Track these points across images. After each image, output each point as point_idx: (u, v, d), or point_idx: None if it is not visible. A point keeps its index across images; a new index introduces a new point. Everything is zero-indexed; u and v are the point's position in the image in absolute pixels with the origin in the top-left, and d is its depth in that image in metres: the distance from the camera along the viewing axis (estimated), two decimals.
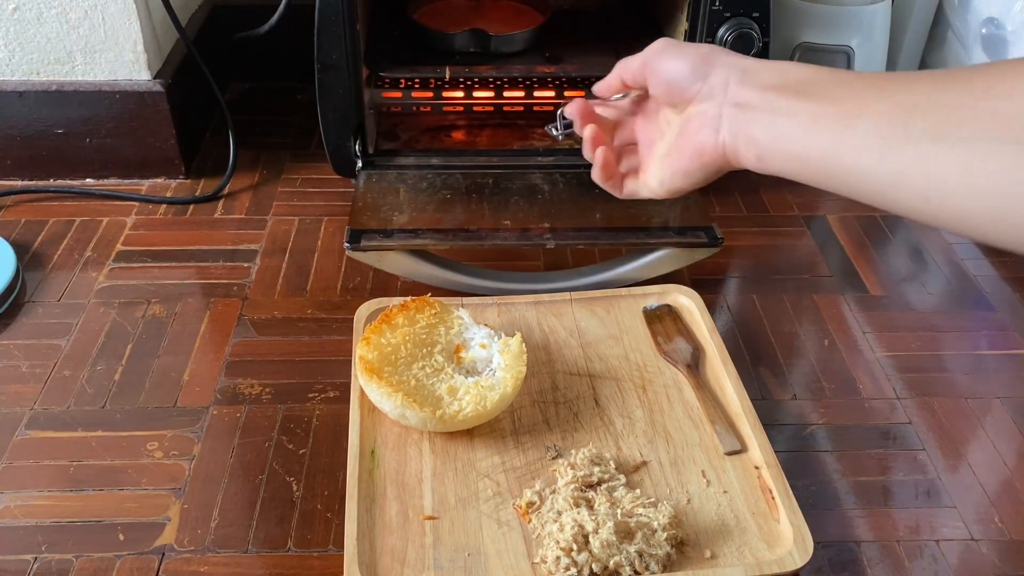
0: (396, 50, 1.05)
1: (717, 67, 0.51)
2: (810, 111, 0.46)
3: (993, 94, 0.38)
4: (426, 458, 0.69)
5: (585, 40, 1.08)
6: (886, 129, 0.42)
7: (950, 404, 0.79)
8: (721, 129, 0.50)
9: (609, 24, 1.13)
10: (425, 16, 1.08)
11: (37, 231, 1.00)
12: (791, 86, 0.47)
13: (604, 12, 1.16)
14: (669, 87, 0.53)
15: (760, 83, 0.48)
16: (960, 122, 0.39)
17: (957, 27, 1.13)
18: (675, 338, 0.80)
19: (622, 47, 1.05)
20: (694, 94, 0.52)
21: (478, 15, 1.10)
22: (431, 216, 0.88)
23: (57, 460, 0.72)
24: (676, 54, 0.53)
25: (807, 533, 0.62)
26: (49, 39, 1.00)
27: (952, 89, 0.40)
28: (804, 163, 0.46)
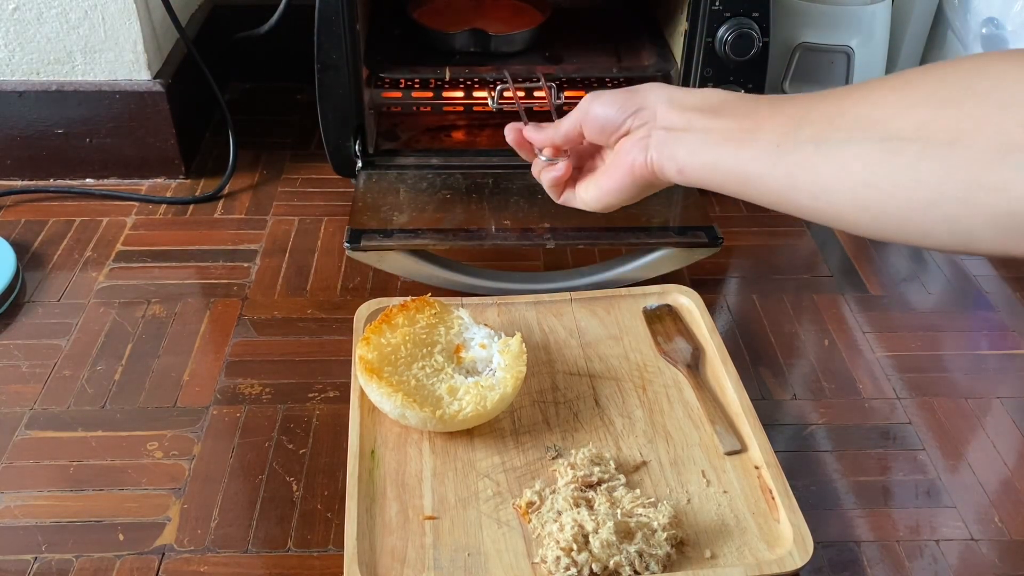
0: (396, 50, 1.04)
1: (647, 99, 0.56)
2: (721, 127, 0.51)
3: (863, 103, 0.44)
4: (426, 458, 0.69)
5: (585, 40, 1.07)
6: (779, 138, 0.47)
7: (950, 404, 0.79)
8: (649, 148, 0.55)
9: (609, 24, 1.12)
10: (425, 16, 1.07)
11: (37, 231, 1.00)
12: (709, 108, 0.53)
13: (604, 12, 1.15)
14: (602, 128, 0.59)
15: (684, 106, 0.54)
16: (836, 127, 0.44)
17: (957, 27, 1.13)
18: (675, 338, 0.80)
19: (622, 47, 1.05)
20: (627, 128, 0.57)
21: (478, 14, 1.10)
22: (431, 216, 0.88)
23: (57, 460, 0.72)
24: (605, 101, 0.58)
25: (807, 533, 0.62)
26: (49, 39, 1.00)
27: (834, 101, 0.46)
28: (716, 172, 0.51)
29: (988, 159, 0.37)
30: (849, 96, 0.45)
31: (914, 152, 0.40)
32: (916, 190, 0.40)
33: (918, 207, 0.40)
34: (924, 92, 0.41)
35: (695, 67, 0.93)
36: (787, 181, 0.46)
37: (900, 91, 0.43)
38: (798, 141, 0.46)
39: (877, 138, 0.42)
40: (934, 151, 0.39)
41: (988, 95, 0.39)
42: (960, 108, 0.39)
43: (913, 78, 0.43)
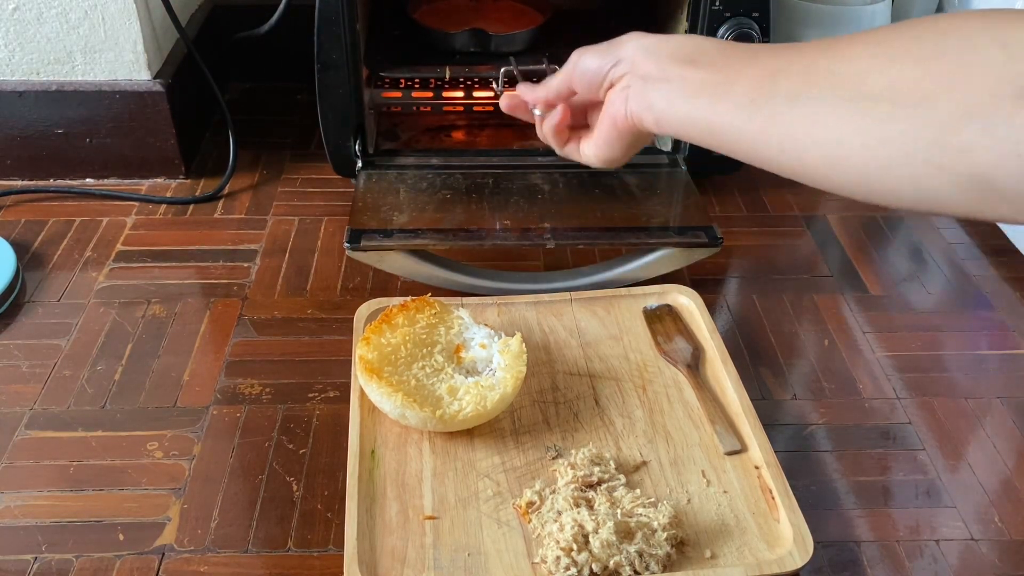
0: (396, 50, 1.05)
1: (626, 48, 0.55)
2: (697, 78, 0.50)
3: (838, 59, 0.43)
4: (426, 458, 0.69)
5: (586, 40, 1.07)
6: (754, 92, 0.47)
7: (950, 404, 0.79)
8: (628, 99, 0.55)
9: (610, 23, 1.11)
10: (425, 15, 1.07)
11: (37, 231, 1.00)
12: (685, 57, 0.52)
13: (605, 11, 1.15)
14: (589, 81, 0.58)
15: (660, 55, 0.53)
16: (810, 83, 0.44)
17: None
18: (675, 338, 0.80)
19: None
20: (611, 78, 0.56)
21: (478, 15, 1.10)
22: (431, 216, 0.88)
23: (57, 460, 0.72)
24: (590, 52, 0.58)
25: (807, 533, 0.62)
26: (49, 39, 1.00)
27: (810, 56, 0.45)
28: (691, 124, 0.51)
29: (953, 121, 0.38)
30: (826, 51, 0.45)
31: (883, 112, 0.40)
32: (883, 149, 0.40)
33: (884, 166, 0.41)
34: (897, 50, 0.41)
35: None
36: (760, 136, 0.46)
37: (874, 48, 0.43)
38: (772, 95, 0.46)
39: (848, 96, 0.42)
40: (901, 111, 0.40)
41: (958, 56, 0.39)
42: (928, 68, 0.39)
43: (890, 35, 0.43)
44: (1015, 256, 0.98)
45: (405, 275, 0.90)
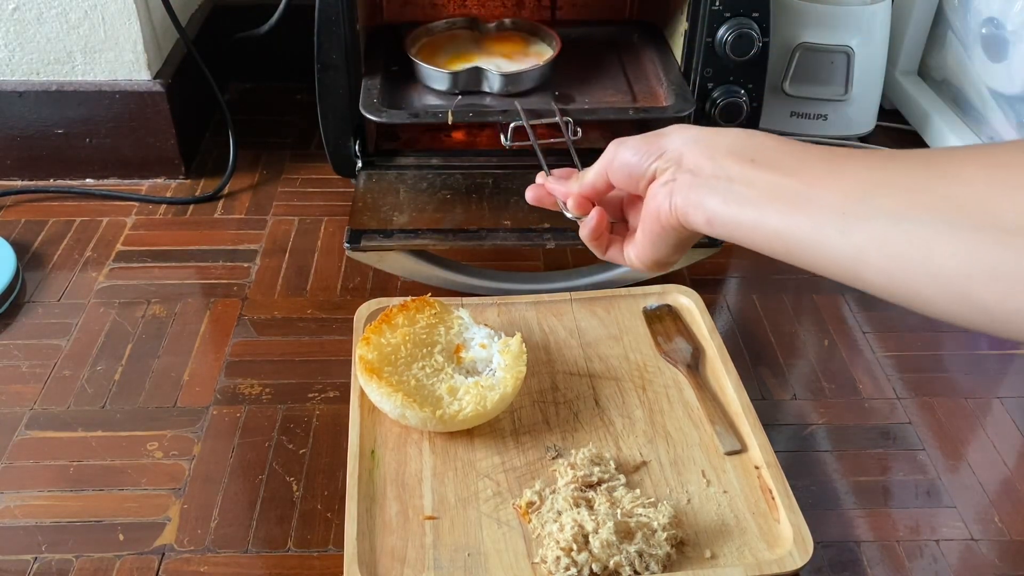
0: (393, 91, 0.94)
1: (672, 140, 0.51)
2: (764, 181, 0.46)
3: (950, 180, 0.40)
4: (426, 458, 0.69)
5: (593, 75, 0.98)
6: (845, 206, 0.42)
7: (950, 404, 0.79)
8: (674, 193, 0.50)
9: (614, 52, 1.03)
10: (423, 53, 0.97)
11: (37, 231, 1.00)
12: (745, 154, 0.48)
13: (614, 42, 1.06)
14: (628, 174, 0.54)
15: (714, 150, 0.49)
16: (919, 205, 0.40)
17: (957, 27, 1.13)
18: (675, 338, 0.80)
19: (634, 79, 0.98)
20: (652, 173, 0.52)
21: (481, 51, 0.99)
22: (431, 216, 0.88)
23: (57, 460, 0.72)
24: (629, 145, 0.54)
25: (807, 533, 0.62)
26: (49, 39, 1.00)
27: (911, 172, 0.41)
28: (754, 231, 0.46)
29: None
30: (929, 167, 0.41)
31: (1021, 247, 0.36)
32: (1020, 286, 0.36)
33: (1016, 304, 0.37)
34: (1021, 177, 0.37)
35: (695, 67, 0.93)
36: (853, 253, 0.42)
37: (992, 171, 0.39)
38: (872, 214, 0.41)
39: (972, 225, 0.38)
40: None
41: None
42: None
43: (1004, 157, 0.39)
44: None
45: (405, 275, 0.90)
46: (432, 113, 0.88)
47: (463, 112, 0.88)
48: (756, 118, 0.95)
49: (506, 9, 1.14)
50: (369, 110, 0.87)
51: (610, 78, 0.98)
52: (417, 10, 1.13)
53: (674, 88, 0.92)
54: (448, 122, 0.87)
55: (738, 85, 0.94)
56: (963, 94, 1.13)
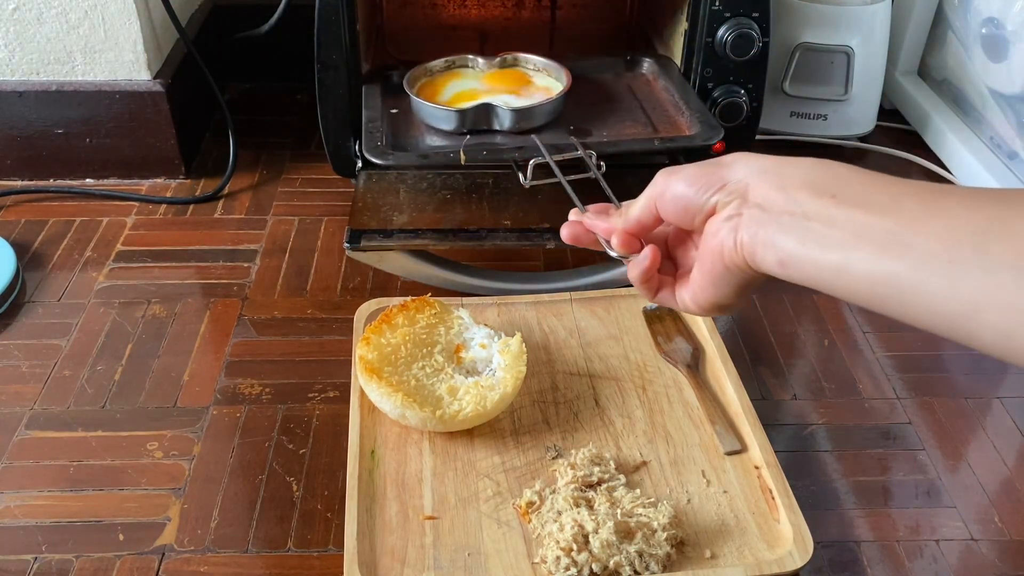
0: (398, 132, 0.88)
1: (735, 170, 0.46)
2: (849, 220, 0.41)
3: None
4: (426, 458, 0.69)
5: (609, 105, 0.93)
6: (955, 252, 0.37)
7: (950, 404, 0.79)
8: (740, 229, 0.45)
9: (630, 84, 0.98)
10: (425, 93, 0.91)
11: (37, 231, 1.00)
12: (823, 187, 0.42)
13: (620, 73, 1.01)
14: (683, 208, 0.48)
15: (786, 181, 0.44)
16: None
17: (957, 27, 1.13)
18: (675, 338, 0.80)
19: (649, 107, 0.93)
20: (713, 206, 0.47)
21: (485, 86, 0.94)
22: (431, 216, 0.88)
23: (57, 460, 0.72)
24: (684, 177, 0.48)
25: (807, 533, 0.62)
26: (49, 39, 1.00)
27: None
28: (838, 275, 0.41)
29: None
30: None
31: None
32: None
33: None
34: None
35: (695, 67, 0.93)
36: (964, 309, 0.37)
37: None
38: (986, 261, 0.36)
39: None
40: None
41: None
42: None
43: None
44: None
45: (405, 275, 0.89)
46: (442, 154, 0.83)
47: (475, 150, 0.82)
48: (756, 118, 0.95)
49: (506, 9, 1.14)
50: (374, 153, 0.82)
51: (624, 109, 0.93)
52: (417, 10, 1.13)
53: (696, 115, 0.88)
54: (461, 162, 0.81)
55: (738, 85, 0.94)
56: (963, 94, 1.13)
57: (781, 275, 0.44)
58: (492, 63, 0.96)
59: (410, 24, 1.14)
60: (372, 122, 0.87)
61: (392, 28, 1.14)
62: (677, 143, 0.86)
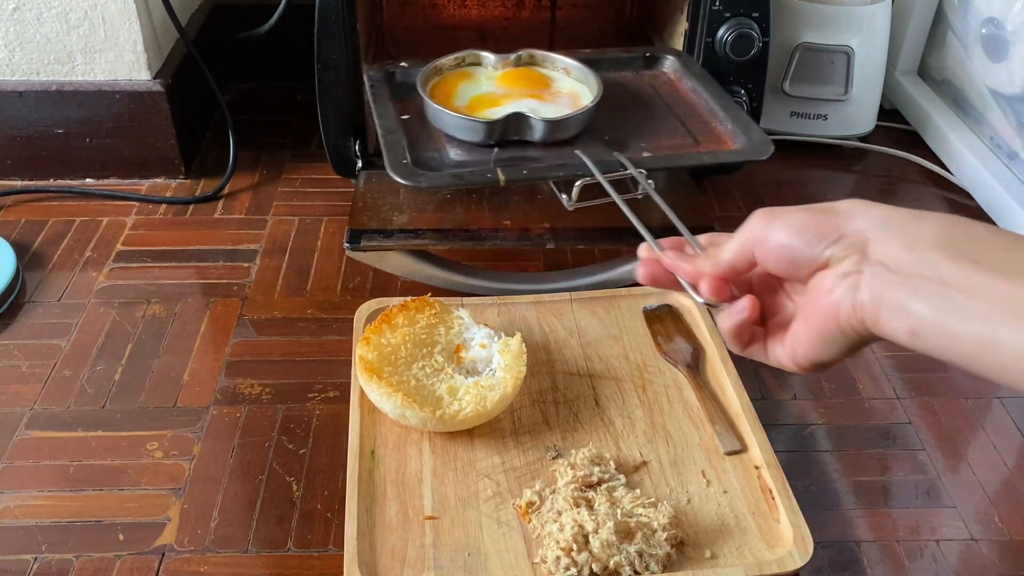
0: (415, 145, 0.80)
1: (852, 222, 0.42)
2: (1000, 291, 0.36)
3: None
4: (426, 458, 0.69)
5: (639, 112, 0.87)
6: None
7: (950, 404, 0.79)
8: (860, 289, 0.41)
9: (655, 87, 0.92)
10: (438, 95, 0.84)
11: (37, 231, 1.00)
12: (960, 249, 0.38)
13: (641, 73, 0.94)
14: (788, 260, 0.44)
15: (913, 239, 0.40)
16: None
17: (957, 27, 1.13)
18: (675, 338, 0.80)
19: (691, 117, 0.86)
20: (825, 259, 0.43)
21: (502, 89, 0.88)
22: (431, 216, 0.88)
23: (57, 460, 0.72)
24: (789, 224, 0.44)
25: (807, 533, 0.62)
26: (49, 39, 1.00)
27: None
28: (986, 353, 0.37)
29: None
30: None
31: None
32: None
33: None
34: None
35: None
36: None
37: None
38: None
39: None
40: None
41: None
42: None
43: None
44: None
45: (405, 275, 0.90)
46: (480, 173, 0.75)
47: (515, 170, 0.75)
48: (756, 118, 0.95)
49: (506, 9, 1.14)
50: (402, 174, 0.74)
51: (656, 115, 0.86)
52: (417, 10, 1.13)
53: (737, 124, 0.82)
54: (500, 183, 0.73)
55: (738, 85, 0.94)
56: (963, 94, 1.13)
57: (908, 344, 0.40)
58: (506, 61, 0.89)
59: (410, 24, 1.14)
60: (390, 133, 0.79)
61: (392, 28, 1.14)
62: (727, 158, 0.79)
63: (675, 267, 0.49)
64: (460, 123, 0.80)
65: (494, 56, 0.88)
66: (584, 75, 0.87)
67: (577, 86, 0.88)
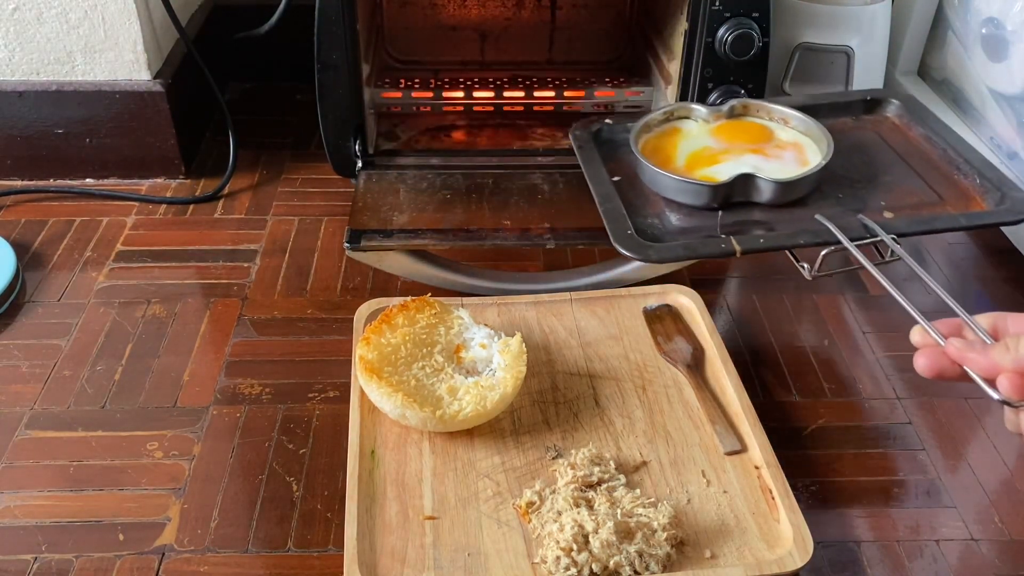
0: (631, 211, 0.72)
1: None
2: None
3: None
4: (426, 458, 0.69)
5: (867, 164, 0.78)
6: None
7: (950, 404, 0.79)
8: None
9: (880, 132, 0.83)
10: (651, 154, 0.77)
11: (37, 231, 1.00)
12: None
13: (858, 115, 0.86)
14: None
15: None
16: None
17: (957, 27, 1.13)
18: (675, 338, 0.80)
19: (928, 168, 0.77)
20: None
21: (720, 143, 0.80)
22: (431, 216, 0.88)
23: (57, 460, 0.72)
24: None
25: (807, 533, 0.62)
26: (49, 39, 1.00)
27: None
28: None
29: None
30: None
31: None
32: None
33: None
34: None
35: (695, 67, 0.93)
36: None
37: None
38: None
39: None
40: None
41: None
42: None
43: None
44: (1015, 256, 0.98)
45: (405, 275, 0.90)
46: (713, 244, 0.68)
47: (751, 239, 0.68)
48: None
49: (506, 9, 1.14)
50: (628, 247, 0.68)
51: (889, 168, 0.77)
52: (417, 10, 1.13)
53: (986, 177, 0.74)
54: (736, 255, 0.67)
55: (738, 85, 0.94)
56: (963, 94, 1.13)
57: None
58: (718, 113, 0.82)
59: (410, 24, 1.14)
60: (608, 201, 0.73)
61: (392, 28, 1.14)
62: (986, 220, 0.71)
63: (966, 360, 0.46)
64: (683, 187, 0.73)
65: (705, 109, 0.82)
66: (805, 125, 0.80)
67: (800, 137, 0.80)
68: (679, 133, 0.81)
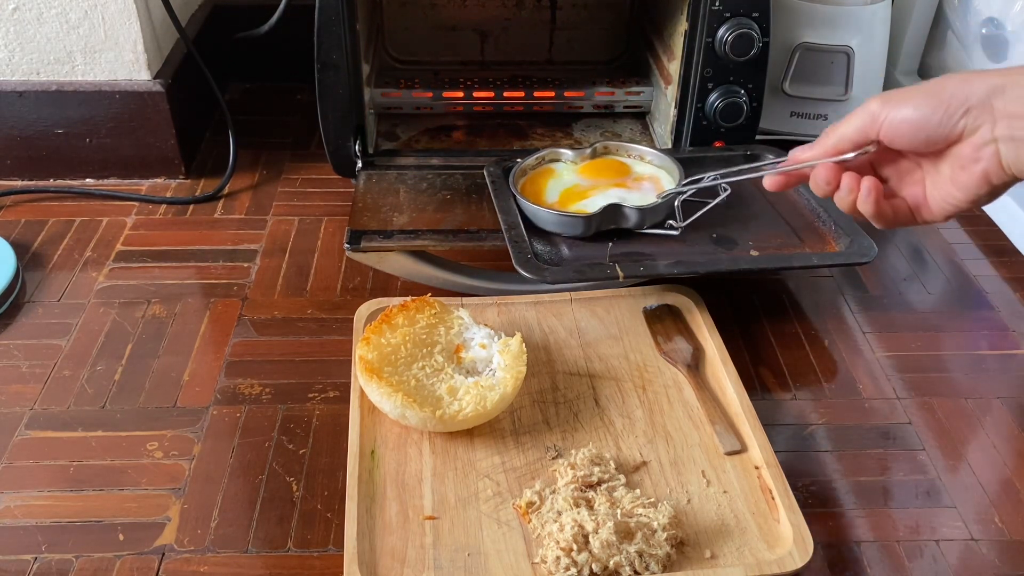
0: (530, 235, 0.83)
1: (972, 92, 0.48)
2: None
3: None
4: (426, 458, 0.69)
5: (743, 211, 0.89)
6: None
7: (950, 404, 0.79)
8: (1002, 154, 0.47)
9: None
10: (529, 193, 0.86)
11: (37, 231, 1.00)
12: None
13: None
14: (924, 139, 0.50)
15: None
16: None
17: (957, 27, 1.13)
18: (675, 338, 0.80)
19: (784, 206, 0.89)
20: (959, 132, 0.48)
21: (587, 181, 0.90)
22: (431, 217, 0.88)
23: (57, 460, 0.72)
24: (910, 101, 0.50)
25: (807, 533, 0.62)
26: (49, 39, 1.00)
27: None
28: None
29: None
30: None
31: None
32: None
33: None
34: None
35: (695, 67, 0.93)
36: None
37: None
38: None
39: None
40: None
41: None
42: None
43: None
44: (1015, 256, 0.98)
45: (405, 276, 0.90)
46: (600, 270, 0.78)
47: (632, 266, 0.79)
48: (756, 118, 0.96)
49: (506, 9, 1.14)
50: (528, 269, 0.78)
51: (760, 215, 0.88)
52: (417, 10, 1.13)
53: (841, 224, 0.84)
54: (619, 279, 0.78)
55: (738, 85, 0.94)
56: None
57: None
58: (583, 154, 0.92)
59: (410, 24, 1.14)
60: (512, 229, 0.83)
61: (392, 28, 1.14)
62: (833, 260, 0.82)
63: (803, 156, 0.55)
64: (560, 220, 0.83)
65: (571, 152, 0.92)
66: (660, 160, 0.91)
67: (656, 171, 0.91)
68: (552, 173, 0.91)
